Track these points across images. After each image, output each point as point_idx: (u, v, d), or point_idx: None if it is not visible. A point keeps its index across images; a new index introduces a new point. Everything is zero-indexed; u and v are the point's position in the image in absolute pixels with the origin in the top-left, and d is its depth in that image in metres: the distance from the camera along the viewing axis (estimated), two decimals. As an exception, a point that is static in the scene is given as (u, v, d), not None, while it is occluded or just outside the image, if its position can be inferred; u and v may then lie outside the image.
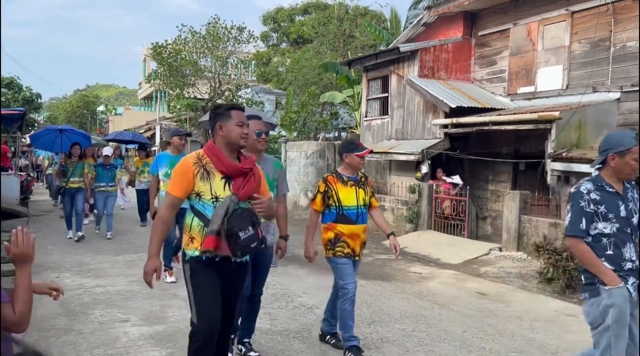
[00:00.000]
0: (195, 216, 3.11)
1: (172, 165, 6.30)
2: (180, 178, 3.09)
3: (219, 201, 3.05)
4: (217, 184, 3.07)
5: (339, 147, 4.54)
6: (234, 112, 3.16)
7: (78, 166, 9.64)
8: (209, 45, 22.68)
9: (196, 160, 3.11)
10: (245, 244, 2.98)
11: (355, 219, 4.37)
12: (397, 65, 12.88)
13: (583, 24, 9.94)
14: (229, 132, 3.10)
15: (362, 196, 4.42)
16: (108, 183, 10.11)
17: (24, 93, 32.56)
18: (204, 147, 3.17)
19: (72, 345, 4.51)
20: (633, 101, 9.04)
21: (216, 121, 3.15)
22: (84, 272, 7.09)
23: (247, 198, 3.11)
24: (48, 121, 53.59)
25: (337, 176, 4.46)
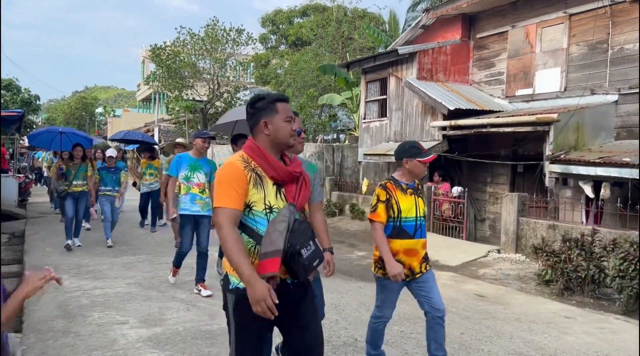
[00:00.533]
0: (243, 233, 2.54)
1: (193, 168, 6.17)
2: (237, 185, 2.50)
3: (273, 212, 2.54)
4: (270, 192, 2.56)
5: (397, 150, 4.00)
6: (281, 105, 2.63)
7: (81, 168, 9.04)
8: (208, 47, 22.72)
9: (245, 163, 2.56)
10: (309, 263, 2.53)
11: (413, 232, 3.84)
12: (396, 67, 12.89)
13: (581, 27, 9.97)
14: (277, 130, 2.59)
15: (421, 206, 3.93)
16: (114, 188, 9.41)
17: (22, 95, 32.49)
18: (245, 148, 2.63)
19: (70, 347, 4.50)
20: (631, 104, 9.06)
21: (259, 116, 2.61)
22: (82, 274, 7.08)
23: (302, 207, 2.67)
24: (46, 122, 53.54)
25: (396, 183, 3.90)
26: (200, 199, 6.18)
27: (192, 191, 6.15)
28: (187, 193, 6.15)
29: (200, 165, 6.24)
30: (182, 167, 6.23)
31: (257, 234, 2.52)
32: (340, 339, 4.83)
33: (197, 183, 6.17)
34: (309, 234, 2.59)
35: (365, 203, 12.76)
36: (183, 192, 6.19)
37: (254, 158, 2.57)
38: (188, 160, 6.26)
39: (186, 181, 6.16)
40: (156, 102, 36.03)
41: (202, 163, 6.27)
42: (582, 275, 6.56)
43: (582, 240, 6.77)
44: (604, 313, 6.06)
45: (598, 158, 8.18)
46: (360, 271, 7.88)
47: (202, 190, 6.20)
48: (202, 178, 6.20)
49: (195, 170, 6.19)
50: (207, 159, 6.37)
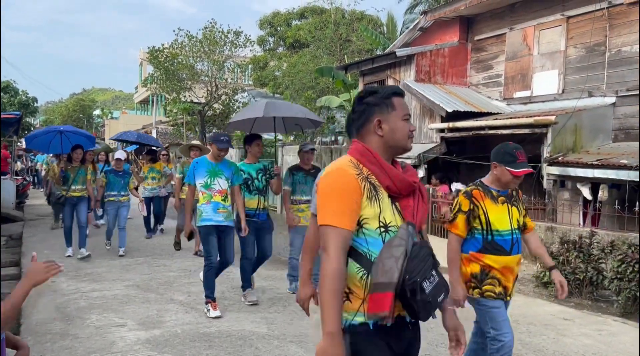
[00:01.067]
0: (351, 257, 2.03)
1: (213, 174, 5.60)
2: (350, 198, 1.99)
3: (389, 232, 2.03)
4: (386, 207, 2.06)
5: (492, 151, 3.46)
6: (397, 100, 2.16)
7: (80, 171, 8.35)
8: (206, 49, 22.69)
9: (357, 170, 2.06)
10: (433, 298, 2.01)
11: (509, 248, 3.28)
12: (394, 69, 12.91)
13: (578, 29, 10.00)
14: (394, 131, 2.12)
15: (517, 217, 3.37)
16: (120, 192, 8.81)
17: (20, 97, 32.48)
18: (353, 152, 2.14)
19: (68, 349, 4.49)
20: (628, 106, 9.09)
21: (371, 113, 2.15)
22: (80, 276, 7.06)
23: (420, 227, 2.18)
24: (44, 124, 53.42)
25: (485, 190, 3.37)
26: (223, 208, 5.60)
27: (214, 199, 5.57)
28: (209, 202, 5.57)
29: (221, 170, 5.66)
30: (199, 173, 5.64)
31: (368, 260, 2.01)
32: (339, 341, 4.82)
33: (219, 189, 5.60)
34: (430, 261, 2.08)
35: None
36: (203, 201, 5.59)
37: (366, 164, 2.09)
38: (206, 165, 5.65)
39: (206, 189, 5.59)
40: (154, 105, 36.02)
41: (223, 167, 5.68)
42: (580, 277, 6.57)
43: (580, 242, 6.78)
44: (602, 315, 6.06)
45: (596, 160, 8.20)
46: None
47: (224, 197, 5.64)
48: (223, 183, 5.63)
49: (215, 176, 5.62)
50: (227, 162, 5.79)
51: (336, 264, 1.95)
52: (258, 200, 6.02)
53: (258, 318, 5.45)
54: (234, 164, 5.83)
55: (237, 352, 4.51)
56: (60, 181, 8.35)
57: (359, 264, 2.02)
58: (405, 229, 2.03)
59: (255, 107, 6.96)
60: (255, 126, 7.00)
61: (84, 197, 8.37)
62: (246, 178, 5.99)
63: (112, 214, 8.78)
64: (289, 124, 7.16)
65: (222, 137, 5.62)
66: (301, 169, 6.40)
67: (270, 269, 7.43)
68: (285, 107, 7.05)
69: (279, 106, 6.85)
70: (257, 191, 6.02)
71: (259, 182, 6.06)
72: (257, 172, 6.10)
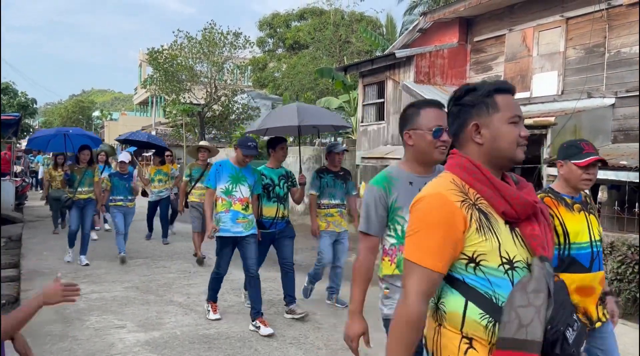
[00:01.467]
0: (471, 301, 1.65)
1: (235, 180, 5.19)
2: (445, 236, 1.63)
3: (515, 269, 1.64)
4: (506, 238, 1.66)
5: (558, 151, 3.11)
6: (502, 98, 1.76)
7: (87, 173, 8.08)
8: (205, 50, 22.72)
9: (461, 195, 1.67)
10: (576, 349, 1.63)
11: (589, 263, 2.77)
12: (393, 71, 12.92)
13: (578, 30, 10.01)
14: (497, 138, 1.72)
15: (596, 226, 2.87)
16: (127, 197, 8.36)
17: (19, 98, 32.47)
18: (454, 167, 1.75)
19: (68, 351, 4.48)
20: (628, 107, 9.09)
21: (468, 117, 1.76)
22: (79, 278, 7.05)
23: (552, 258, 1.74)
24: (43, 126, 53.42)
25: (557, 197, 2.89)
26: (243, 217, 5.17)
27: (234, 207, 5.13)
28: (228, 210, 5.14)
29: (244, 176, 5.25)
30: (222, 178, 5.20)
31: (493, 304, 1.62)
32: (339, 343, 4.81)
33: (240, 197, 5.17)
34: (569, 302, 1.71)
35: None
36: (222, 208, 5.16)
37: (473, 185, 1.69)
38: (230, 169, 5.22)
39: (226, 196, 5.16)
40: (153, 106, 36.03)
41: (246, 174, 5.28)
42: (580, 278, 6.55)
43: (580, 243, 6.76)
44: (602, 316, 6.06)
45: (595, 161, 8.19)
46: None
47: (245, 206, 5.20)
48: (245, 191, 5.21)
49: (238, 182, 5.20)
50: (251, 169, 5.37)
51: (415, 309, 1.63)
52: (277, 208, 5.53)
53: (258, 319, 5.43)
54: (257, 172, 5.43)
55: (237, 354, 4.51)
56: (65, 183, 8.15)
57: (482, 310, 1.62)
58: (541, 268, 1.62)
59: (286, 113, 6.23)
60: (271, 129, 6.41)
61: (91, 199, 8.09)
62: (267, 183, 5.51)
63: (119, 218, 8.28)
64: (306, 126, 6.41)
65: (249, 142, 5.19)
66: (329, 171, 5.98)
67: (269, 271, 7.42)
68: (317, 114, 6.46)
69: (312, 112, 6.24)
70: (276, 199, 5.53)
71: (280, 189, 5.57)
72: (279, 178, 5.61)
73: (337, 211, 5.91)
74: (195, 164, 8.58)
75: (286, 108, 6.67)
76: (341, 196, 5.95)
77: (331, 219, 5.87)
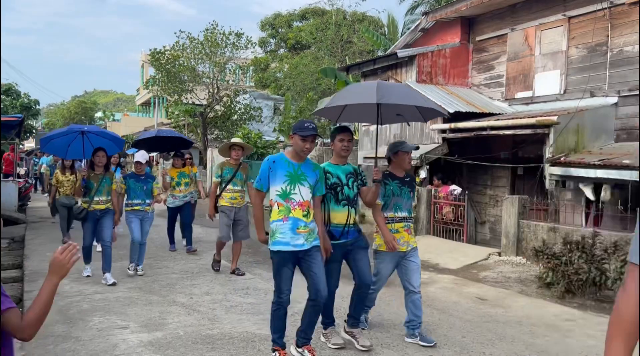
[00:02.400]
0: None
1: (294, 179, 4.17)
2: None
3: None
4: None
5: None
6: None
7: (104, 180, 7.01)
8: (207, 51, 22.75)
9: None
10: None
11: None
12: (395, 70, 12.91)
13: (580, 29, 9.99)
14: None
15: None
16: (144, 200, 7.48)
17: (21, 100, 32.56)
18: None
19: (71, 352, 4.49)
20: (630, 106, 9.07)
21: None
22: (82, 279, 7.06)
23: None
24: (46, 127, 53.57)
25: None
26: (304, 226, 4.15)
27: (293, 214, 4.12)
28: (287, 218, 4.12)
29: (304, 174, 4.22)
30: (277, 177, 4.16)
31: None
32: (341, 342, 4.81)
33: (300, 201, 4.15)
34: None
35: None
36: (278, 216, 4.14)
37: None
38: (285, 166, 4.20)
39: (283, 200, 4.14)
40: (155, 107, 36.06)
41: (306, 170, 4.25)
42: (583, 278, 6.55)
43: (583, 242, 6.76)
44: (606, 315, 6.04)
45: (598, 160, 8.18)
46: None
47: (306, 212, 4.17)
48: (306, 193, 4.19)
49: (296, 182, 4.17)
50: (311, 164, 4.34)
51: None
52: (347, 213, 4.57)
53: (260, 319, 5.44)
54: (319, 167, 4.41)
55: (240, 354, 4.51)
56: (81, 191, 7.02)
57: None
58: None
59: (363, 90, 4.93)
60: (344, 117, 5.31)
61: (109, 210, 7.05)
62: (334, 183, 4.54)
63: (136, 224, 7.38)
64: (389, 112, 5.11)
65: (306, 123, 4.18)
66: (394, 176, 4.83)
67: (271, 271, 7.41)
68: (400, 92, 4.88)
69: (394, 89, 4.87)
70: (346, 201, 4.56)
71: (349, 189, 4.59)
72: (347, 176, 4.63)
73: (403, 226, 4.83)
74: (226, 163, 7.59)
75: (363, 84, 5.73)
76: (408, 207, 4.89)
77: (397, 236, 4.78)
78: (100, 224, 6.99)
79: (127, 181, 7.50)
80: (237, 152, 7.47)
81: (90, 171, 7.03)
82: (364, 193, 4.67)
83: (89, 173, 7.00)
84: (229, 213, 7.41)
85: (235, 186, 7.47)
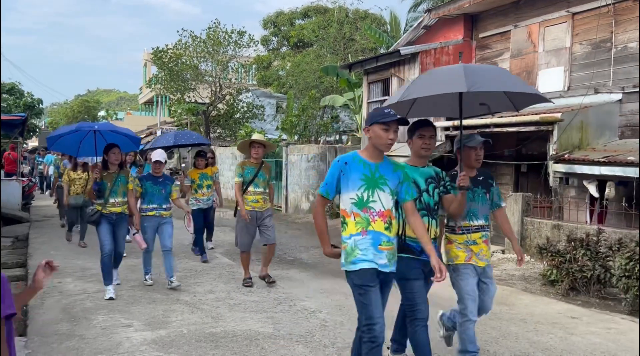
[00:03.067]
0: None
1: (372, 184, 3.33)
2: None
3: None
4: None
5: None
6: None
7: (119, 179, 6.28)
8: (210, 49, 22.77)
9: None
10: None
11: None
12: (398, 68, 12.88)
13: (584, 26, 9.95)
14: None
15: None
16: (161, 205, 6.65)
17: (25, 99, 32.64)
18: None
19: (75, 350, 4.50)
20: (635, 102, 9.03)
21: None
22: (86, 277, 7.07)
23: None
24: (49, 126, 53.71)
25: None
26: (387, 242, 3.35)
27: (373, 227, 3.32)
28: (365, 232, 3.32)
29: (383, 177, 3.39)
30: (350, 180, 3.35)
31: None
32: (345, 341, 4.80)
33: (381, 210, 3.35)
34: None
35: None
36: (354, 229, 3.35)
37: None
38: (360, 168, 3.37)
39: (360, 209, 3.35)
40: (158, 105, 36.11)
41: (386, 172, 3.42)
42: (587, 275, 6.53)
43: (587, 240, 6.74)
44: (610, 313, 6.02)
45: (602, 157, 8.15)
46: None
47: (388, 224, 3.36)
48: (387, 200, 3.38)
49: (375, 187, 3.35)
50: (391, 163, 3.52)
51: None
52: (428, 225, 3.69)
53: (264, 318, 5.44)
54: (400, 167, 3.57)
55: (243, 352, 4.51)
56: (93, 195, 6.26)
57: None
58: None
59: (446, 75, 4.00)
60: (415, 108, 4.62)
61: (124, 214, 6.35)
62: None
63: (151, 233, 6.63)
64: (470, 102, 4.29)
65: (385, 110, 3.38)
66: None
67: (275, 269, 7.42)
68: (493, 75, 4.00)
69: (485, 73, 3.98)
70: (425, 210, 3.75)
71: (429, 196, 3.78)
72: (427, 181, 3.82)
73: (481, 237, 3.97)
74: (247, 162, 6.86)
75: (446, 69, 4.57)
76: (485, 213, 4.05)
77: (474, 249, 3.94)
78: (115, 230, 6.28)
79: (143, 184, 6.62)
80: (257, 151, 6.71)
81: (103, 170, 6.27)
82: (448, 201, 3.86)
83: (101, 174, 6.21)
84: (250, 218, 6.59)
85: (257, 187, 6.70)
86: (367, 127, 3.44)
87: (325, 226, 3.54)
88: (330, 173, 3.44)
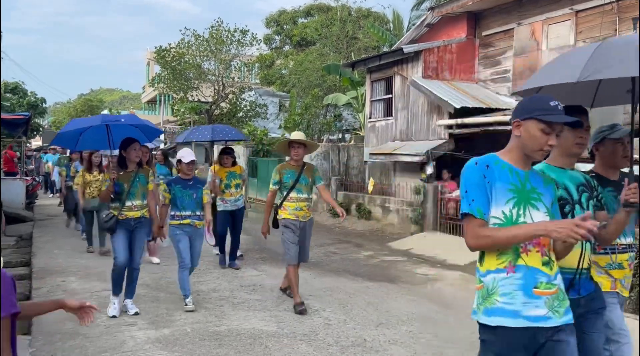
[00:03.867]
0: None
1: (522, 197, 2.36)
2: None
3: None
4: None
5: None
6: None
7: (138, 178, 5.46)
8: (213, 48, 22.76)
9: None
10: None
11: None
12: (401, 66, 12.86)
13: (587, 23, 9.92)
14: None
15: None
16: (194, 212, 5.70)
17: (28, 98, 32.74)
18: None
19: (79, 349, 4.51)
20: (639, 100, 9.01)
21: None
22: (90, 276, 7.08)
23: None
24: (53, 125, 53.85)
25: None
26: (547, 284, 2.29)
27: (525, 260, 2.29)
28: (513, 267, 2.30)
29: (535, 189, 2.43)
30: (496, 192, 2.33)
31: None
32: (349, 339, 4.81)
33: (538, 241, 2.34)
34: None
35: (371, 203, 12.73)
36: (497, 263, 2.35)
37: None
38: (507, 175, 2.38)
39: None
40: (161, 104, 36.15)
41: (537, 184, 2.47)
42: (591, 273, 6.50)
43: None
44: (615, 311, 6.00)
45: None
46: (367, 271, 7.85)
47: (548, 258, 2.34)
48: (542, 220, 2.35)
49: (526, 202, 2.36)
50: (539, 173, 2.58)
51: None
52: (581, 250, 2.60)
53: (267, 316, 5.44)
54: (550, 180, 2.59)
55: (247, 351, 4.51)
56: (108, 197, 5.41)
57: None
58: None
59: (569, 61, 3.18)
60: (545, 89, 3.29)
61: (144, 219, 5.53)
62: (560, 197, 2.66)
63: (185, 244, 5.68)
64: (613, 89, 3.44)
65: (550, 101, 2.35)
66: (604, 180, 3.09)
67: (281, 268, 7.42)
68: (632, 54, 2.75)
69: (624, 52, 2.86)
70: None
71: (581, 210, 2.70)
72: (579, 189, 2.77)
73: (628, 259, 3.06)
74: (286, 165, 5.98)
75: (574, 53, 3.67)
76: (632, 229, 3.08)
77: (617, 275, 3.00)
78: (133, 238, 5.46)
79: (171, 189, 5.65)
80: (297, 151, 5.80)
81: (119, 169, 5.44)
82: (600, 219, 2.63)
83: (118, 173, 5.40)
84: (294, 228, 5.77)
85: (300, 193, 5.81)
86: (518, 121, 2.46)
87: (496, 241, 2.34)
88: (470, 183, 2.34)
